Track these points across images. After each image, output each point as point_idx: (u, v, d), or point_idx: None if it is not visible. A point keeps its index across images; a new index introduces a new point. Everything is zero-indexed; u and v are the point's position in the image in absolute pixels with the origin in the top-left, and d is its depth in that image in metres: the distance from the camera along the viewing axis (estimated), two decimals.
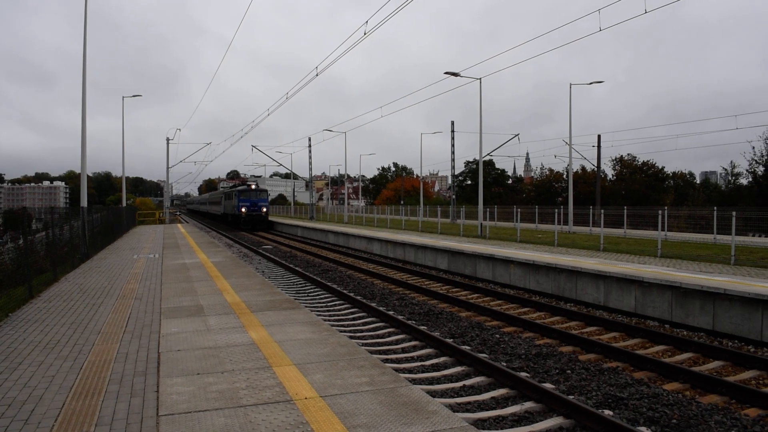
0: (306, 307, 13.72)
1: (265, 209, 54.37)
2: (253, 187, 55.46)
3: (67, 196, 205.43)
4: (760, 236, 25.78)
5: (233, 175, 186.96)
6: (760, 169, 49.62)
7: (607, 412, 7.29)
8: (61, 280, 14.53)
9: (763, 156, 49.01)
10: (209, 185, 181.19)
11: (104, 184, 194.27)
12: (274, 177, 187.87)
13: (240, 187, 55.88)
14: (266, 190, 57.98)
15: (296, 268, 21.83)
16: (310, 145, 62.32)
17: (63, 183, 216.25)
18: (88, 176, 27.50)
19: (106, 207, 45.99)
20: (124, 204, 53.20)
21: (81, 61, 23.15)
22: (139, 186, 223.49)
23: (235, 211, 53.73)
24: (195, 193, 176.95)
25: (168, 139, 57.43)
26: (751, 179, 52.89)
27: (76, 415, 5.28)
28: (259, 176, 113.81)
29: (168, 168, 58.73)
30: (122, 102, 47.23)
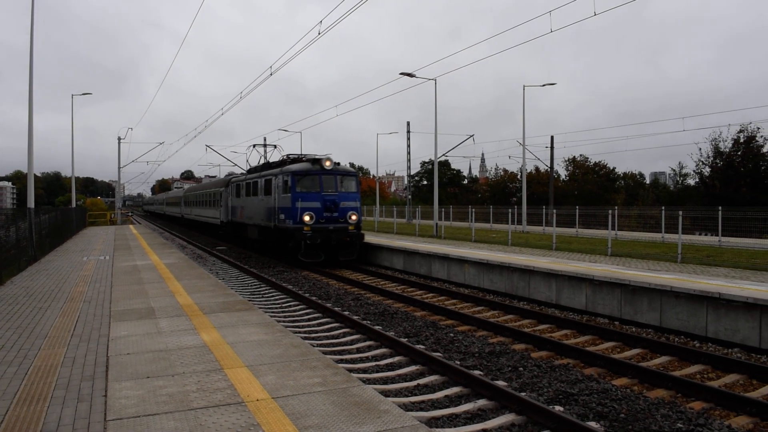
0: (260, 308, 13.62)
1: (355, 216, 23.72)
2: (328, 165, 23.79)
3: (14, 196, 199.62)
4: (706, 235, 26.54)
5: (188, 175, 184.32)
6: (707, 170, 51.18)
7: (558, 408, 7.41)
8: (6, 284, 14.12)
9: (709, 157, 50.57)
10: (162, 185, 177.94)
11: (53, 185, 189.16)
12: None
13: (296, 167, 23.91)
14: (355, 174, 25.56)
15: (251, 270, 21.62)
16: (265, 145, 61.79)
17: (10, 183, 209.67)
18: (36, 176, 26.78)
19: (55, 208, 44.89)
20: (74, 205, 51.97)
21: (27, 55, 22.58)
22: (90, 186, 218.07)
23: (282, 220, 23.76)
24: (148, 193, 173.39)
25: (119, 139, 56.29)
26: (698, 180, 54.53)
27: (20, 422, 5.14)
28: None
29: (119, 168, 57.60)
30: (72, 100, 46.16)
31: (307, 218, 22.41)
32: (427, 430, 4.90)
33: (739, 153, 48.42)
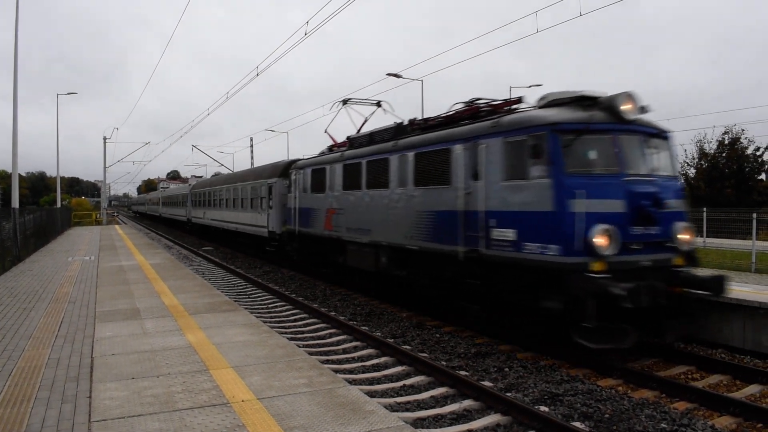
0: (246, 309, 13.56)
1: (689, 234, 10.33)
2: (630, 109, 9.50)
3: None
4: None
5: (174, 175, 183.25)
6: (691, 171, 51.54)
7: (543, 409, 7.44)
8: None
9: (693, 158, 50.94)
10: (148, 185, 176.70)
11: (38, 185, 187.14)
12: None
13: (555, 114, 9.45)
14: (669, 135, 10.64)
15: (237, 270, 21.56)
16: (251, 145, 61.63)
17: None
18: (20, 176, 26.63)
19: (40, 208, 44.55)
20: (59, 205, 51.60)
21: (11, 53, 22.44)
22: (75, 186, 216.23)
23: (510, 244, 9.71)
24: (134, 193, 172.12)
25: (105, 138, 56.00)
26: (682, 181, 54.94)
27: (3, 423, 5.11)
28: (200, 176, 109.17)
29: (105, 168, 57.33)
30: (57, 99, 45.82)
31: (601, 240, 8.98)
32: (413, 430, 4.92)
33: (724, 154, 48.80)
